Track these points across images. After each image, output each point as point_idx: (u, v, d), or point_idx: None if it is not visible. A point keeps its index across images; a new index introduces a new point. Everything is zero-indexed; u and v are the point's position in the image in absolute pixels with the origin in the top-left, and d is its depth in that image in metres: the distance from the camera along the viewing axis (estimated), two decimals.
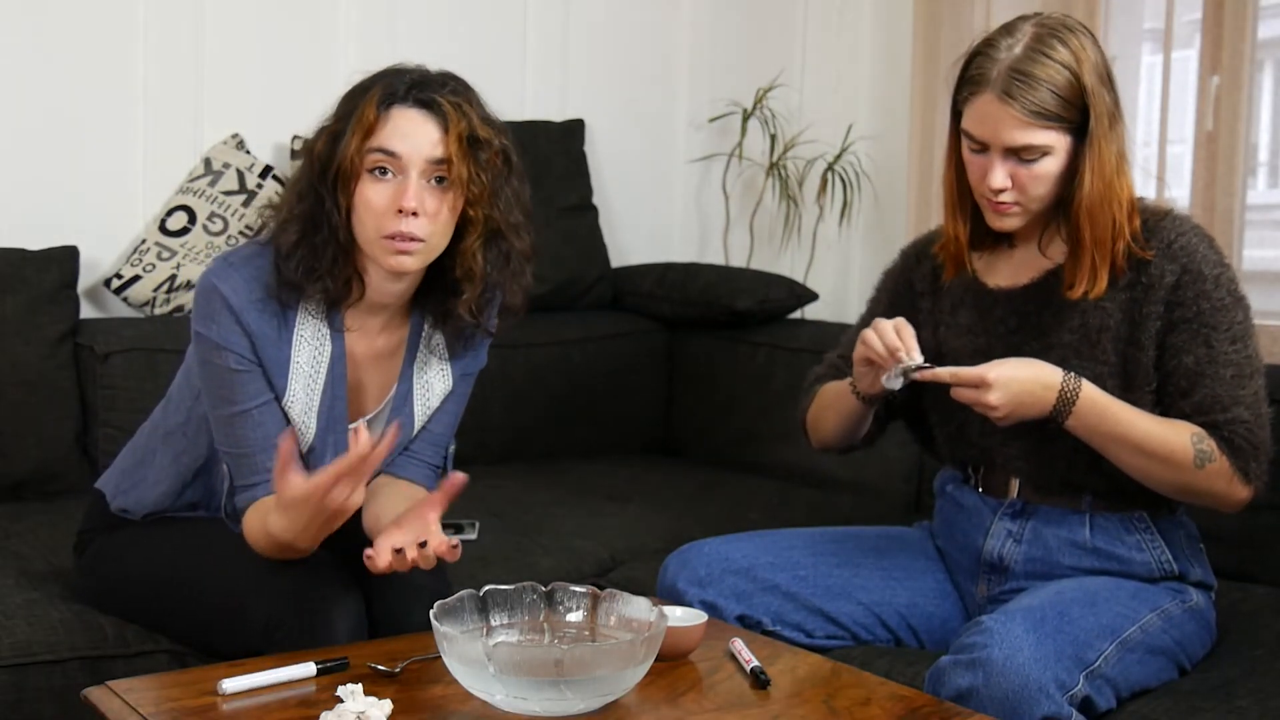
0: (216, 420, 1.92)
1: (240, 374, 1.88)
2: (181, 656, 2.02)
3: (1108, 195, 1.90)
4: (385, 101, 1.85)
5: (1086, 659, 1.78)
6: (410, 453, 2.06)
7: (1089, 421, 1.88)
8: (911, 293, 2.17)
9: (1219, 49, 2.89)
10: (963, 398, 1.89)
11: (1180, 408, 1.91)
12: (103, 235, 2.94)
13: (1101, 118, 1.88)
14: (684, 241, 3.74)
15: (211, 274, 1.89)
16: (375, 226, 1.85)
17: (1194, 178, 2.96)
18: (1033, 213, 1.95)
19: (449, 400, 2.06)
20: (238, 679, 1.61)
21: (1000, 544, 2.03)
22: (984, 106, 1.90)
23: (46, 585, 2.16)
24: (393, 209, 1.84)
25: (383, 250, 1.85)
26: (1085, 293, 1.93)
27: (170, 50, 3.01)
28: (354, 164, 1.84)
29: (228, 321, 1.87)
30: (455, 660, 1.55)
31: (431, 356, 2.02)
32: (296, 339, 1.91)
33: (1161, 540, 1.99)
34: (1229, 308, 1.91)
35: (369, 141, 1.84)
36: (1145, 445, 1.88)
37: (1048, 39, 1.88)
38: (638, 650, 1.55)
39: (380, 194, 1.84)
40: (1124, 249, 1.93)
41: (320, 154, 1.87)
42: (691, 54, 3.69)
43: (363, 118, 1.84)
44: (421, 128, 1.85)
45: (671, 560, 2.10)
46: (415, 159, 1.84)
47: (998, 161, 1.91)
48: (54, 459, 2.69)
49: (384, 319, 1.98)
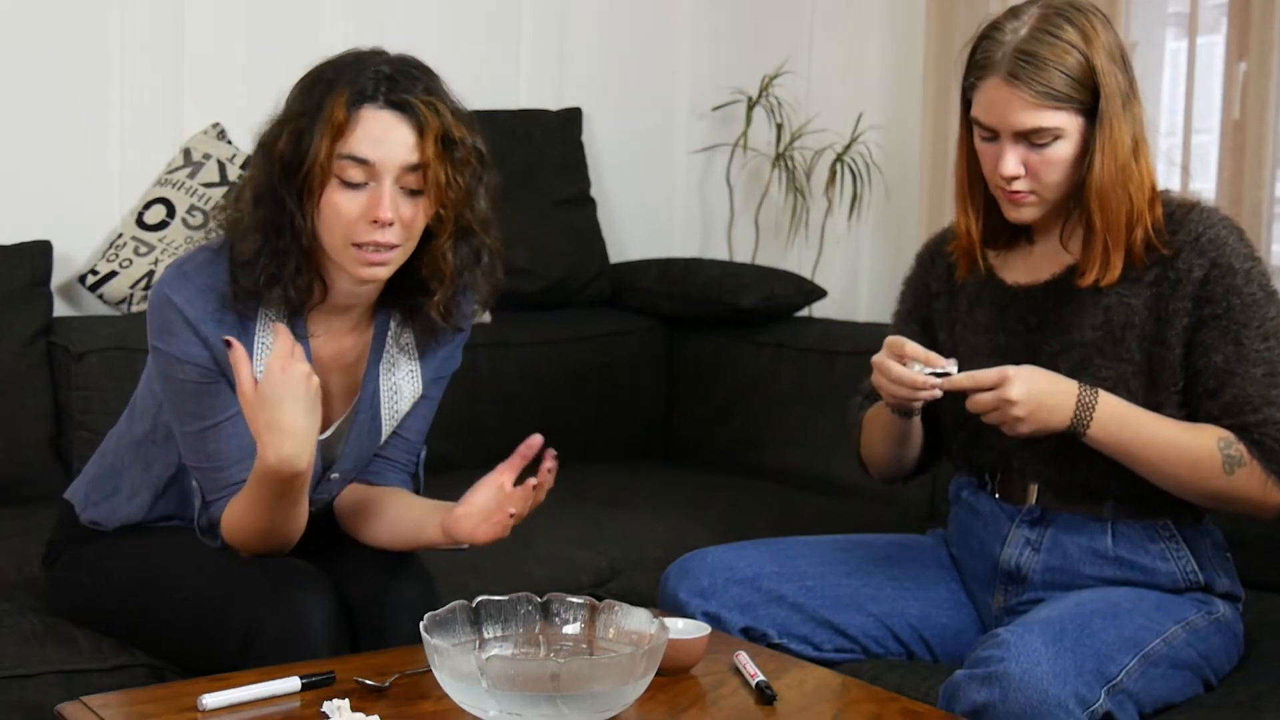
0: (184, 436, 1.90)
1: (205, 386, 1.87)
2: (160, 671, 2.01)
3: (1121, 178, 1.90)
4: (355, 101, 1.81)
5: (1108, 673, 1.77)
6: (385, 458, 2.06)
7: (1110, 429, 1.88)
8: (928, 295, 2.17)
9: (1246, 34, 2.89)
10: (981, 404, 1.88)
11: (1208, 409, 1.91)
12: (77, 229, 2.93)
13: (1113, 97, 1.89)
14: (686, 236, 3.74)
15: (164, 285, 1.87)
16: (345, 235, 1.82)
17: (1220, 168, 2.96)
18: (1049, 202, 1.95)
19: (420, 403, 2.05)
20: (219, 694, 1.61)
21: (1018, 553, 2.03)
22: (991, 91, 1.91)
23: (18, 595, 2.16)
24: (365, 218, 1.81)
25: (352, 260, 1.83)
26: (1097, 281, 1.94)
27: (148, 36, 3.00)
28: (323, 169, 1.81)
29: (185, 334, 1.85)
30: (446, 674, 1.54)
31: (400, 356, 2.01)
32: (259, 347, 1.89)
33: (1187, 549, 1.99)
34: (1260, 303, 1.91)
35: (339, 146, 1.80)
36: (1170, 452, 1.88)
37: (1054, 19, 1.89)
38: (638, 664, 1.54)
39: (352, 202, 1.82)
40: (1142, 237, 1.93)
41: (283, 154, 1.83)
42: (693, 39, 3.69)
43: (331, 118, 1.80)
44: (395, 131, 1.82)
45: (673, 570, 2.10)
46: (389, 165, 1.81)
47: (1009, 148, 1.91)
48: (26, 463, 2.68)
49: (350, 321, 1.97)
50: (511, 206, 3.24)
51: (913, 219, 3.55)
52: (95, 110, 2.97)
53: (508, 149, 3.28)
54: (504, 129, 3.30)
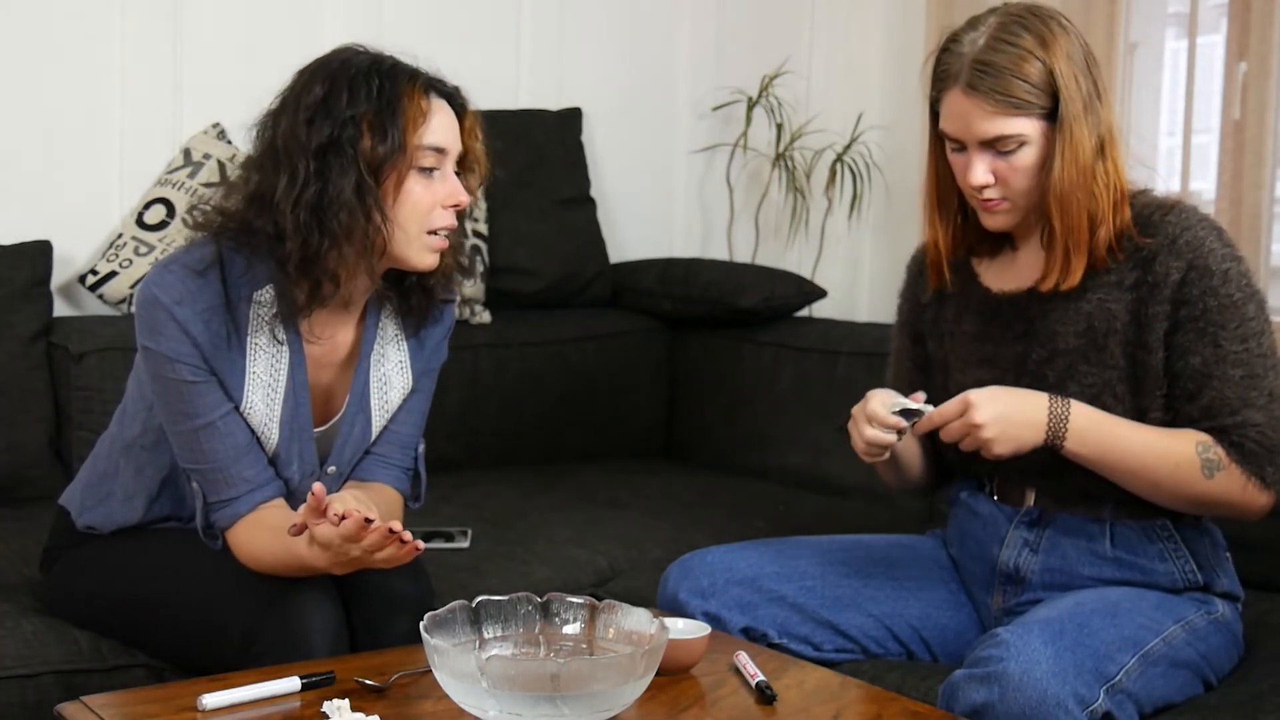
0: (177, 436, 1.90)
1: (196, 385, 1.87)
2: (159, 671, 2.02)
3: (1083, 180, 1.91)
4: (426, 91, 1.88)
5: (1107, 672, 1.78)
6: (377, 455, 2.05)
7: (1087, 439, 1.89)
8: (918, 306, 2.18)
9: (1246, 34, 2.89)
10: (952, 434, 1.89)
11: (1188, 412, 1.91)
12: (77, 229, 2.94)
13: (1072, 100, 1.89)
14: (686, 236, 3.74)
15: (151, 284, 1.86)
16: (423, 223, 1.88)
17: (1220, 169, 2.97)
18: (1022, 208, 1.96)
19: (412, 398, 2.05)
20: (218, 694, 1.61)
21: (1016, 553, 2.03)
22: (953, 102, 1.93)
23: (18, 596, 2.16)
24: (444, 205, 1.88)
25: (424, 248, 1.89)
26: (1057, 285, 1.95)
27: (148, 35, 3.01)
28: (409, 159, 1.85)
29: (174, 332, 1.85)
30: (446, 674, 1.55)
31: (389, 347, 2.01)
32: (251, 347, 1.89)
33: (1186, 549, 1.99)
34: (1239, 304, 1.90)
35: (421, 135, 1.85)
36: (1149, 458, 1.88)
37: (1011, 26, 1.91)
38: (637, 664, 1.55)
39: (431, 190, 1.88)
40: (1105, 239, 1.93)
41: (369, 151, 1.82)
42: (694, 39, 3.69)
43: (414, 109, 1.84)
44: (451, 120, 1.91)
45: (673, 570, 2.10)
46: (453, 153, 1.90)
47: (976, 157, 1.93)
48: (26, 464, 2.69)
49: (343, 318, 1.97)
50: (512, 207, 3.29)
51: (913, 219, 3.54)
52: (95, 110, 2.98)
53: (508, 149, 3.27)
54: (504, 129, 3.29)
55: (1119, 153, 1.95)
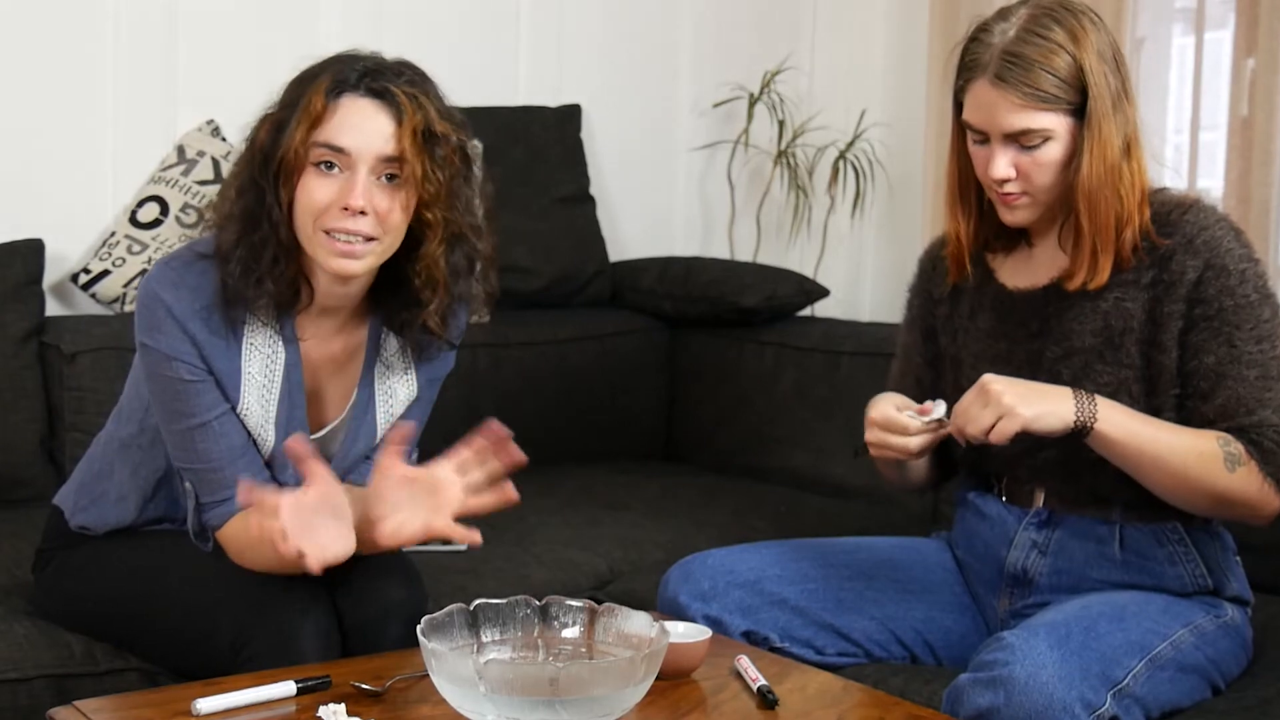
0: (172, 435, 1.90)
1: (193, 384, 1.87)
2: (153, 676, 2.02)
3: (1110, 179, 1.90)
4: (335, 90, 1.82)
5: (1114, 677, 1.77)
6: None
7: (1117, 424, 1.87)
8: (931, 301, 2.17)
9: (1255, 29, 2.89)
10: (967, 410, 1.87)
11: (1202, 412, 1.91)
12: (70, 228, 2.93)
13: (1101, 97, 1.89)
14: (687, 234, 3.74)
15: (152, 280, 1.87)
16: (316, 222, 1.82)
17: (1228, 166, 2.96)
18: (1042, 204, 1.96)
19: (414, 406, 2.05)
20: (213, 699, 1.61)
21: (1024, 555, 2.03)
22: (979, 93, 1.92)
23: (10, 599, 2.16)
24: (337, 206, 1.81)
25: (325, 251, 1.83)
26: (1085, 284, 1.94)
27: (142, 31, 3.00)
28: (298, 156, 1.81)
29: (173, 330, 1.85)
30: (444, 679, 1.54)
31: (395, 361, 2.01)
32: (247, 348, 1.90)
33: (1196, 553, 1.98)
34: (1255, 305, 1.90)
35: (315, 133, 1.81)
36: (1178, 445, 1.87)
37: (1042, 19, 1.90)
38: (637, 668, 1.54)
39: (324, 189, 1.82)
40: (1130, 239, 1.93)
41: (262, 144, 1.85)
42: (695, 35, 3.69)
43: (309, 106, 1.81)
44: (373, 120, 1.82)
45: (673, 572, 2.10)
46: (365, 154, 1.81)
47: (999, 150, 1.92)
48: (17, 465, 2.68)
49: (338, 323, 1.97)
50: (510, 205, 3.28)
51: (916, 217, 3.55)
52: (88, 107, 2.97)
53: (506, 146, 3.29)
54: (503, 126, 3.30)
55: (1143, 154, 1.95)
